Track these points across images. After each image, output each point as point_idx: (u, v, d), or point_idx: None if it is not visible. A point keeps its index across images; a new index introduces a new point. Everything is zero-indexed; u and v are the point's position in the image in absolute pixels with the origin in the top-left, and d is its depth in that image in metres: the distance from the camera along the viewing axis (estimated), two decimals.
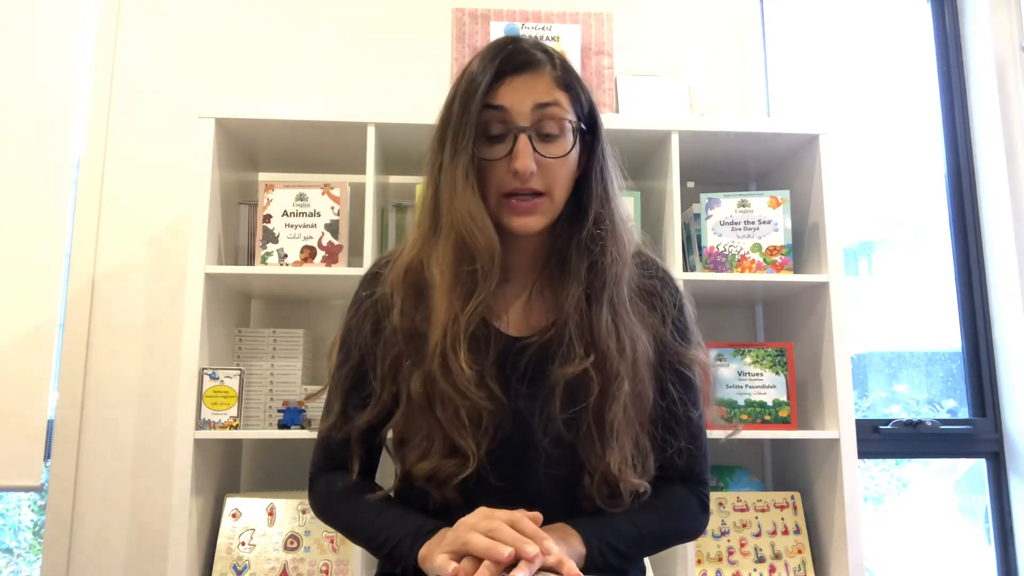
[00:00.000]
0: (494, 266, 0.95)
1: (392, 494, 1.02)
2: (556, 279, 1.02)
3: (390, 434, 1.04)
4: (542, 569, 0.82)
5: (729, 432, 1.25)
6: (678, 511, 1.04)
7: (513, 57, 0.97)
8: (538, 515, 0.87)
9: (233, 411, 1.64)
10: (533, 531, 0.84)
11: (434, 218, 0.99)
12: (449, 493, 0.95)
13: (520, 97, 0.96)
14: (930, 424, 2.17)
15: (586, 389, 0.96)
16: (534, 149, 0.95)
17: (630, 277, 1.03)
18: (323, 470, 1.09)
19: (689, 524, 1.07)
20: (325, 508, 1.08)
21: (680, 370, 1.04)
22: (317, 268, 1.74)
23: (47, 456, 1.91)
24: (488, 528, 0.84)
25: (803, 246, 1.89)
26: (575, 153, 0.99)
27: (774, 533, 1.80)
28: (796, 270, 1.85)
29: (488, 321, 0.99)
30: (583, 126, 1.00)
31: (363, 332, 1.03)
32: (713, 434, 1.14)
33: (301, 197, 1.77)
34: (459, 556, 0.84)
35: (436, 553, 0.86)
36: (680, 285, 1.11)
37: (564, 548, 0.87)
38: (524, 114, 0.95)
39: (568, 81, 1.00)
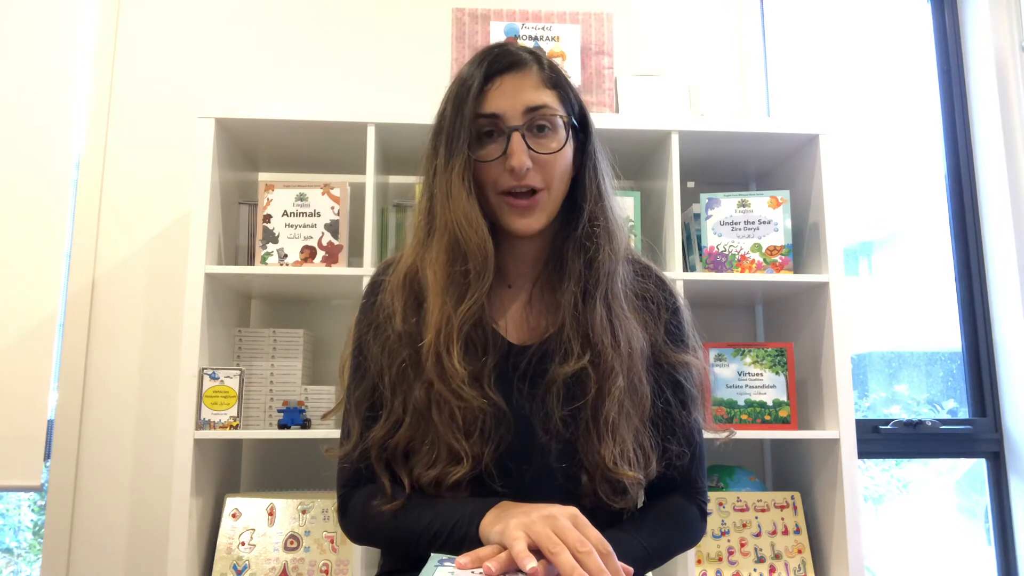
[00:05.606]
0: (487, 267, 0.95)
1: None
2: (554, 280, 1.02)
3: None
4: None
5: (724, 435, 1.24)
6: (681, 524, 1.04)
7: (500, 59, 0.99)
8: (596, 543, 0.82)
9: (233, 411, 1.64)
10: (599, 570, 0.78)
11: (429, 222, 1.00)
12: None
13: (510, 101, 0.97)
14: (930, 424, 2.17)
15: (583, 387, 0.96)
16: (528, 146, 0.96)
17: (625, 278, 1.03)
18: (352, 490, 1.04)
19: (691, 535, 1.07)
20: (363, 526, 1.01)
21: (672, 374, 1.05)
22: (317, 268, 1.74)
23: (47, 456, 1.91)
24: (561, 533, 0.79)
25: (803, 246, 1.89)
26: (569, 148, 1.00)
27: (774, 533, 1.80)
28: (796, 270, 1.85)
29: (489, 325, 0.99)
30: (575, 122, 1.01)
31: (373, 349, 1.02)
32: (708, 435, 1.13)
33: (301, 197, 1.77)
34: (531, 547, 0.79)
35: (508, 531, 0.80)
36: (678, 291, 1.11)
37: None
38: (516, 116, 0.97)
39: (556, 79, 1.01)
